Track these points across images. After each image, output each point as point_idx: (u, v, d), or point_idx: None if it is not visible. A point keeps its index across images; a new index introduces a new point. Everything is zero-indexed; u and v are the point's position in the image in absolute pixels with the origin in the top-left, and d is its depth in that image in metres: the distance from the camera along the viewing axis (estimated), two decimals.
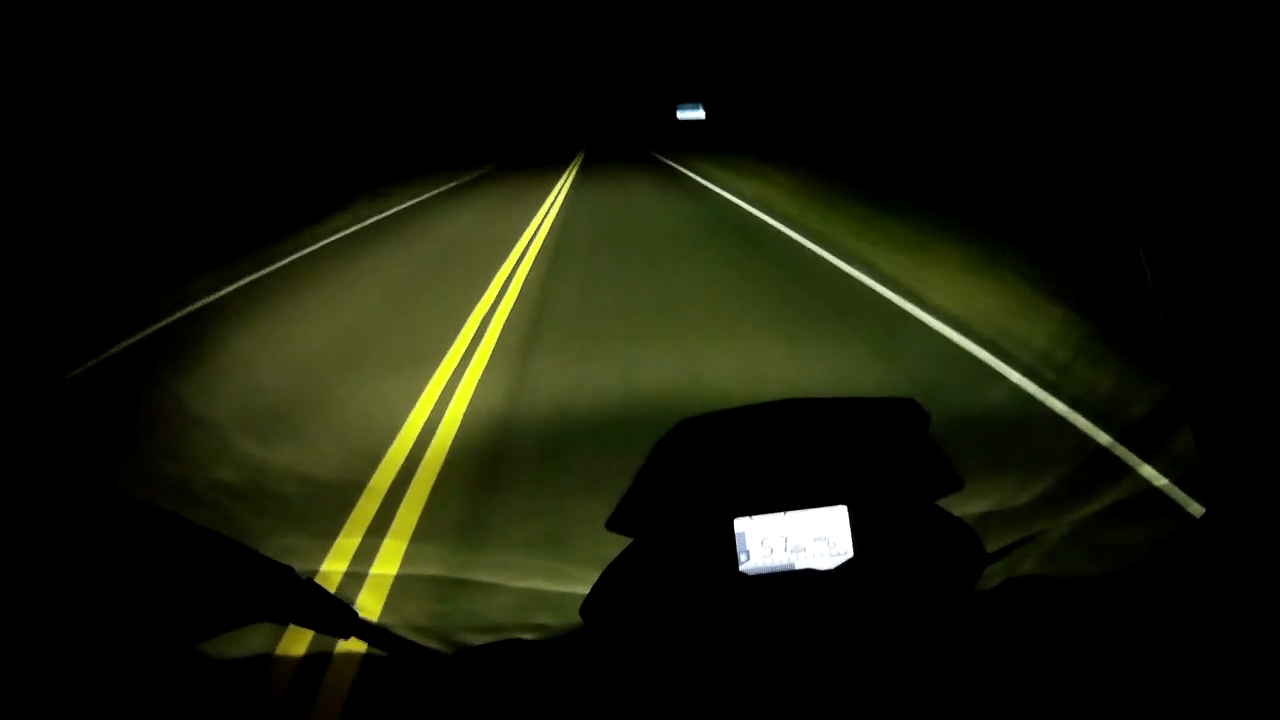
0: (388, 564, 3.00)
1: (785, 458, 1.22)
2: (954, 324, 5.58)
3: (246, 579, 0.91)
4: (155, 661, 0.89)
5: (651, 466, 1.21)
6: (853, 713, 0.92)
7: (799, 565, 1.18)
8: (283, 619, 0.93)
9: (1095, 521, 2.80)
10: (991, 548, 1.27)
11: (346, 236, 12.14)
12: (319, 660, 2.34)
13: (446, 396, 4.76)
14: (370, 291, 8.05)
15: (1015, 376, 4.55)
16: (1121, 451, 3.49)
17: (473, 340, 5.89)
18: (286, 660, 2.34)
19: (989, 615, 1.07)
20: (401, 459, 3.91)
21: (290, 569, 0.94)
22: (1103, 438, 3.65)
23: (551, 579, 2.63)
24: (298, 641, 2.45)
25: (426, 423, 4.37)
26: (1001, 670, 0.94)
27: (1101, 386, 4.26)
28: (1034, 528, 2.68)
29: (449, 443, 4.09)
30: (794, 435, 1.24)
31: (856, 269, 7.54)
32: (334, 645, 2.41)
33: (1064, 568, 2.41)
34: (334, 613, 0.94)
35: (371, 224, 13.50)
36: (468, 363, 5.36)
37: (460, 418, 4.42)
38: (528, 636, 1.13)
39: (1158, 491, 3.10)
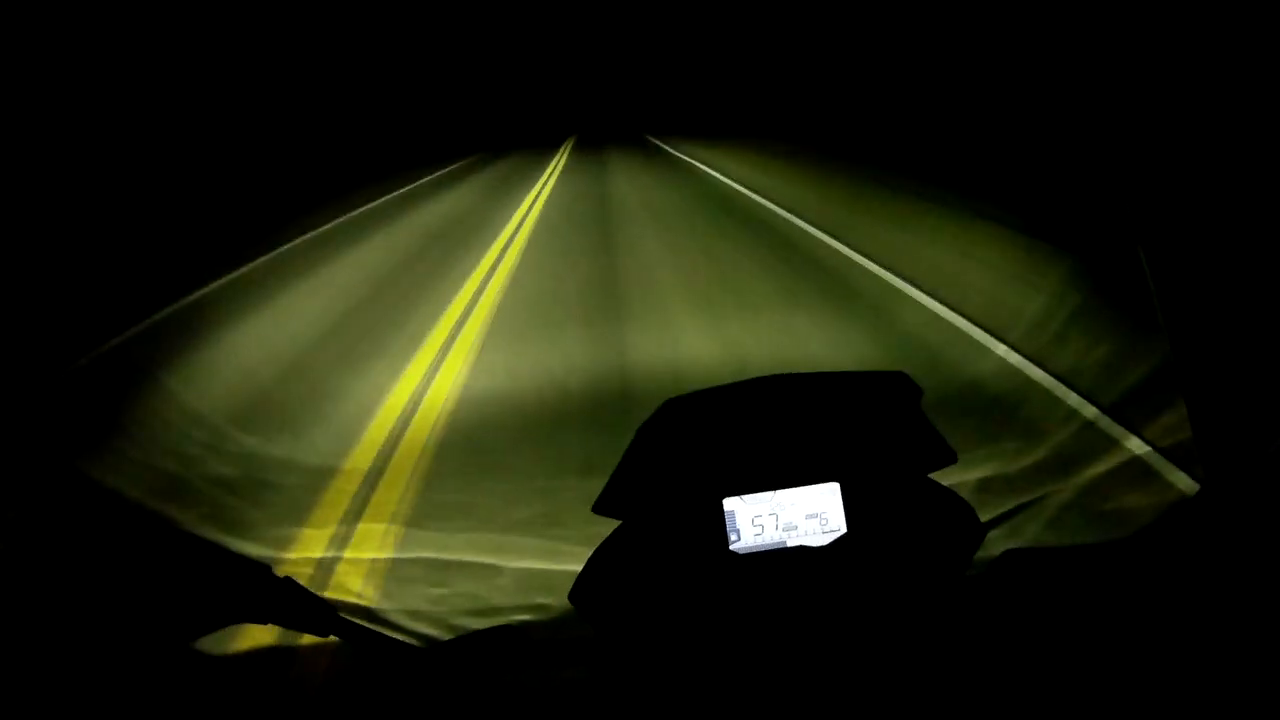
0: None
1: (775, 435, 1.20)
2: None
3: (223, 579, 0.90)
4: (143, 663, 0.88)
5: (638, 447, 1.19)
6: (850, 690, 0.90)
7: (791, 543, 1.16)
8: (262, 618, 0.91)
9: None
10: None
11: None
12: (308, 655, 2.32)
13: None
14: None
15: None
16: None
17: None
18: (274, 656, 2.32)
19: (987, 588, 1.05)
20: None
21: (267, 567, 0.93)
22: None
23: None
24: (288, 637, 2.42)
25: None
26: (1001, 643, 0.93)
27: None
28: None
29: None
30: (783, 412, 1.22)
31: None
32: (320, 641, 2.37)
33: (1064, 535, 2.41)
34: (313, 610, 0.92)
35: None
36: None
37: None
38: (523, 619, 1.11)
39: None
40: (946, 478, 1.21)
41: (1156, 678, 0.80)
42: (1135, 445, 3.14)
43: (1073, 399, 3.74)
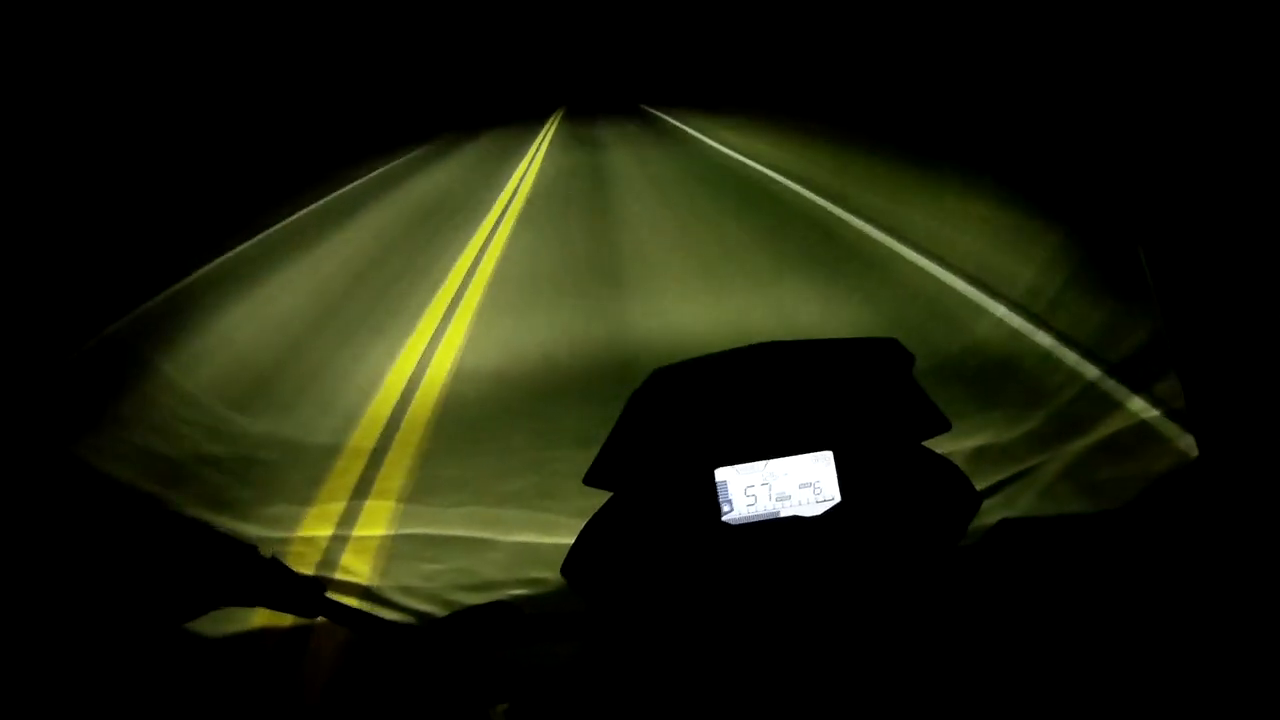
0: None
1: (766, 404, 1.18)
2: None
3: (208, 560, 0.88)
4: (133, 647, 0.87)
5: (629, 418, 1.17)
6: (844, 660, 0.89)
7: (784, 513, 1.15)
8: (249, 601, 0.90)
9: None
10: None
11: None
12: (298, 637, 2.30)
13: None
14: None
15: None
16: None
17: None
18: (264, 639, 2.29)
19: (981, 557, 1.05)
20: None
21: (254, 547, 0.91)
22: None
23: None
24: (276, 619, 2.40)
25: None
26: (996, 612, 0.92)
27: None
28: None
29: None
30: (775, 380, 1.20)
31: None
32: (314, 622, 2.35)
33: (1059, 505, 2.41)
34: (300, 591, 0.91)
35: None
36: None
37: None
38: (516, 593, 1.10)
39: None
40: (941, 446, 1.20)
41: (1149, 650, 0.79)
42: (1138, 406, 3.14)
43: (1072, 359, 3.74)
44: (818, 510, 1.13)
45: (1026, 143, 7.18)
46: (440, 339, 5.05)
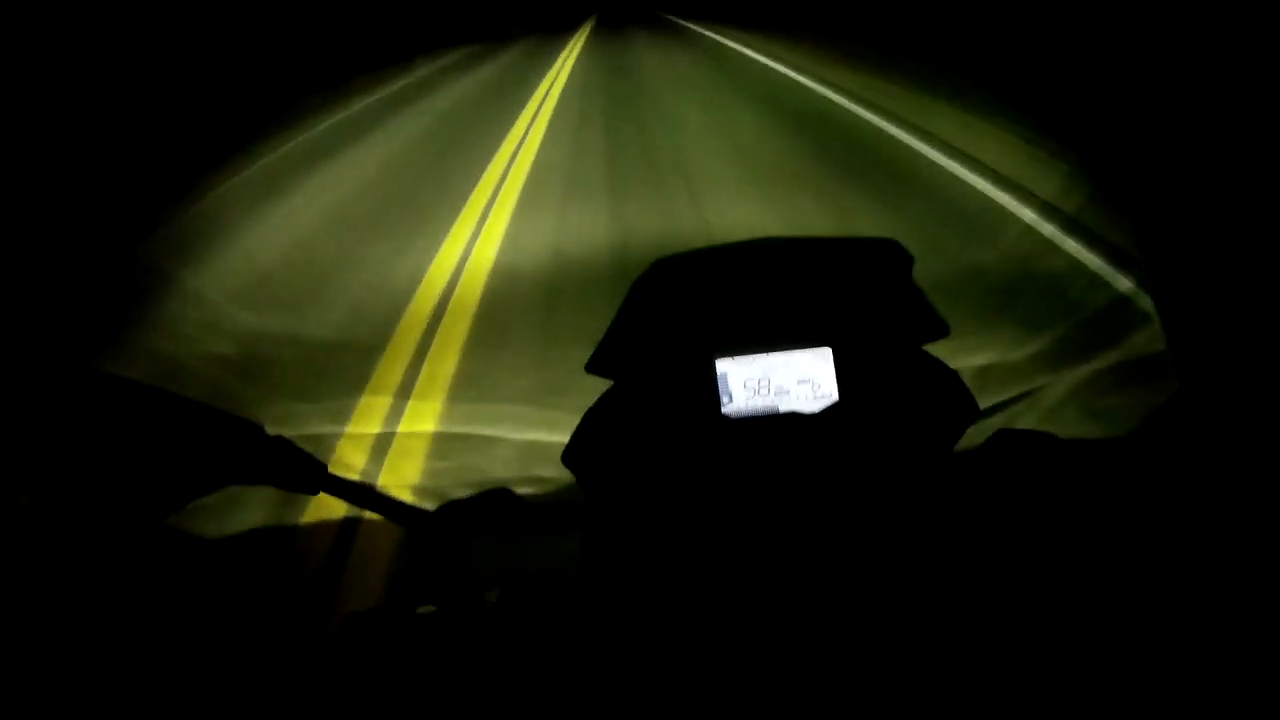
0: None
1: (768, 297, 1.18)
2: None
3: (213, 439, 0.89)
4: (141, 545, 0.89)
5: (630, 306, 1.17)
6: (834, 560, 0.91)
7: (783, 409, 1.15)
8: (252, 479, 0.91)
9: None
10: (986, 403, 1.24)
11: None
12: (304, 534, 2.33)
13: None
14: None
15: None
16: None
17: None
18: (270, 536, 2.33)
19: (978, 466, 1.05)
20: None
21: (259, 426, 0.92)
22: None
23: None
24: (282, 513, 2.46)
25: None
26: (988, 521, 0.93)
27: None
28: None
29: None
30: (777, 274, 1.19)
31: None
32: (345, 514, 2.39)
33: (1060, 428, 2.40)
34: (303, 468, 0.92)
35: None
36: None
37: None
38: (519, 490, 1.11)
39: None
40: (948, 361, 1.19)
41: (1141, 577, 0.80)
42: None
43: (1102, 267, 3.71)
44: (815, 407, 1.14)
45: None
46: (463, 236, 5.05)
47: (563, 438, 1.17)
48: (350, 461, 2.74)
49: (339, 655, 0.82)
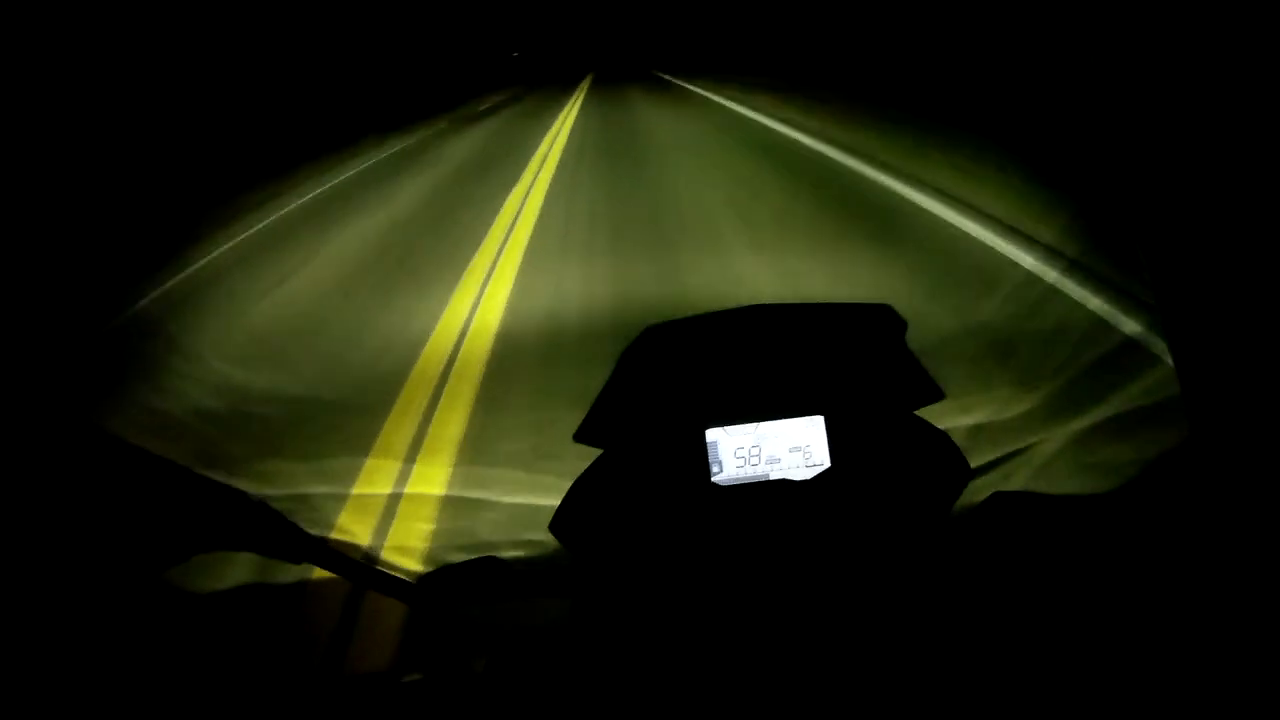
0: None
1: (759, 365, 1.18)
2: None
3: (197, 505, 0.88)
4: (124, 599, 0.88)
5: (620, 375, 1.17)
6: (828, 625, 0.89)
7: (774, 476, 1.14)
8: (237, 545, 0.90)
9: None
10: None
11: None
12: (288, 592, 2.29)
13: None
14: None
15: None
16: None
17: None
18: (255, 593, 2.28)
19: (972, 529, 1.04)
20: None
21: (243, 493, 0.91)
22: None
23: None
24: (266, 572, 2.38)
25: None
26: (984, 586, 0.92)
27: None
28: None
29: None
30: (768, 342, 1.19)
31: None
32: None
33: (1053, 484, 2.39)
34: (287, 536, 0.91)
35: None
36: None
37: None
38: (509, 555, 1.10)
39: None
40: (940, 421, 1.19)
41: (1139, 627, 0.79)
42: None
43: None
44: (807, 475, 1.13)
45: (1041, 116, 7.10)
46: (464, 297, 5.07)
47: (551, 502, 1.16)
48: (340, 523, 2.71)
49: None
